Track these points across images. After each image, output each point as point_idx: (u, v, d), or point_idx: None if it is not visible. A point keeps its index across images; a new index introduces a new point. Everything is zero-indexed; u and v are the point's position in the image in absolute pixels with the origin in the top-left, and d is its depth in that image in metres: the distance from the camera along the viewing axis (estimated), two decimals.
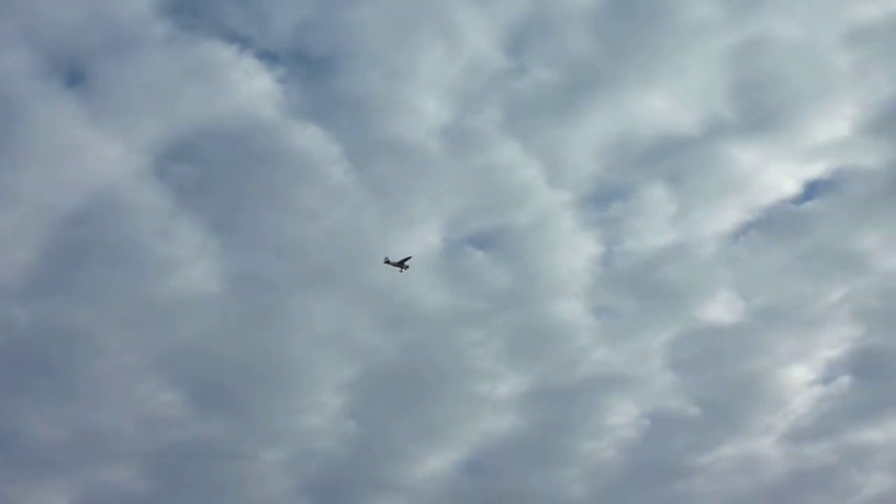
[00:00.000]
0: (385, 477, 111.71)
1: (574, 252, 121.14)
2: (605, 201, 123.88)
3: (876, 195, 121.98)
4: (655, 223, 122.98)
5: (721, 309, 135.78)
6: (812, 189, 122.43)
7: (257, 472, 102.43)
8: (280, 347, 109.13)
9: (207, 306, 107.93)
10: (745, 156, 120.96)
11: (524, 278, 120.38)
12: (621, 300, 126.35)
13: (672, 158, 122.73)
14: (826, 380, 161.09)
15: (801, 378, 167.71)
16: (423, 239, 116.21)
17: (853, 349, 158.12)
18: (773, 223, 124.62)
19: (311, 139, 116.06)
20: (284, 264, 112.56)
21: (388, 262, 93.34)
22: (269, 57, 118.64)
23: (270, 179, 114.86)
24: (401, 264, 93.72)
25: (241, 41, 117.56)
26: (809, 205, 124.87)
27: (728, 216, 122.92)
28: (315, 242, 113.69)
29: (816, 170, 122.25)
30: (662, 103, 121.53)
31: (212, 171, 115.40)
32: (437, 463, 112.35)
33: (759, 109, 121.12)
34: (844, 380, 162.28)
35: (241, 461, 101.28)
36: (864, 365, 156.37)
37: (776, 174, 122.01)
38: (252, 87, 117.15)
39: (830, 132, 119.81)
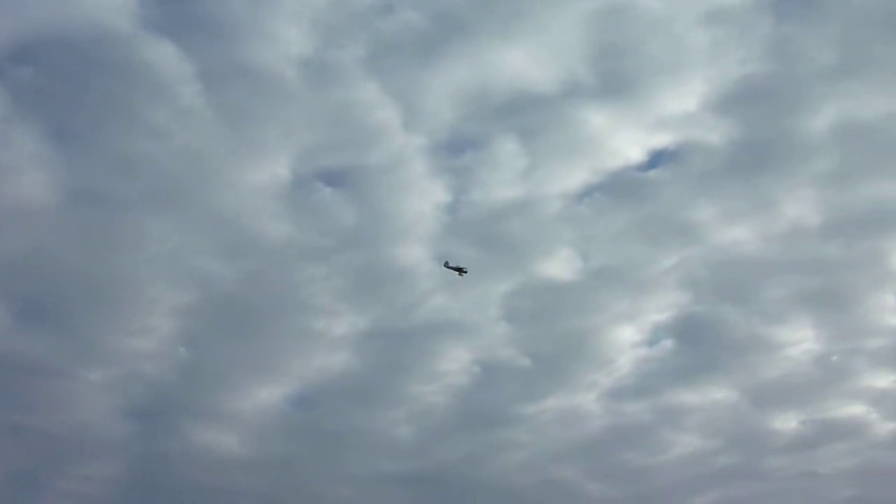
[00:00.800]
0: (213, 405, 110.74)
1: (423, 197, 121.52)
2: (458, 150, 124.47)
3: (715, 171, 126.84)
4: (505, 176, 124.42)
5: (559, 266, 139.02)
6: (657, 158, 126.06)
7: (78, 391, 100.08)
8: (114, 266, 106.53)
9: (40, 218, 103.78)
10: (596, 119, 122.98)
11: (371, 219, 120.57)
12: (464, 249, 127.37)
13: (527, 114, 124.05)
14: (651, 342, 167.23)
15: (627, 339, 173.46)
16: (272, 170, 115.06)
17: (679, 315, 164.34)
18: (617, 187, 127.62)
19: (164, 56, 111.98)
20: (125, 182, 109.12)
21: (447, 265, 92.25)
22: None
23: (117, 92, 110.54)
24: (459, 270, 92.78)
25: None
26: (652, 173, 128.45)
27: (575, 177, 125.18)
28: (159, 162, 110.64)
29: (662, 140, 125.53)
30: (523, 59, 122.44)
31: (55, 78, 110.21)
32: (266, 395, 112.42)
33: (615, 76, 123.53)
34: (668, 343, 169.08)
35: (61, 379, 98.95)
36: (686, 331, 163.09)
37: (624, 140, 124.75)
38: None
39: (679, 106, 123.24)
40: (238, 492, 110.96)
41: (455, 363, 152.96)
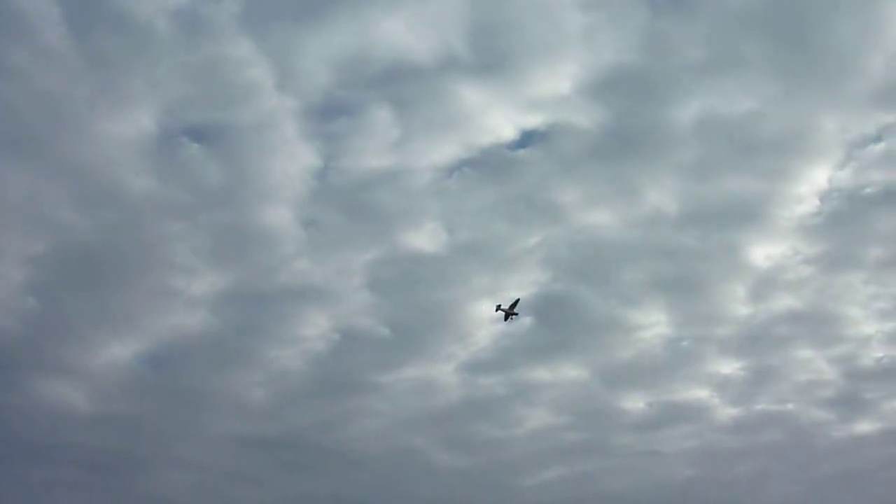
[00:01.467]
0: (62, 359, 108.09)
1: (292, 160, 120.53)
2: (330, 115, 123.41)
3: (582, 154, 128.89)
4: (376, 145, 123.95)
5: (425, 238, 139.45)
6: (527, 138, 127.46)
7: None
8: None
9: None
10: (471, 95, 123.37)
11: (237, 178, 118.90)
12: (331, 215, 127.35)
13: (403, 85, 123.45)
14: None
15: (487, 314, 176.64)
16: (136, 121, 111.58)
17: (538, 293, 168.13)
18: (487, 164, 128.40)
19: None
20: None
21: (500, 308, 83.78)
22: None
23: None
24: (511, 311, 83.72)
25: None
26: (522, 152, 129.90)
27: (446, 151, 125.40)
28: (16, 105, 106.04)
29: (534, 120, 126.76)
30: (403, 29, 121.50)
31: None
32: (118, 351, 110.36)
33: (492, 53, 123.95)
34: (526, 320, 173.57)
35: None
36: (545, 309, 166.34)
37: (497, 118, 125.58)
38: None
39: (553, 88, 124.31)
40: (84, 450, 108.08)
41: (314, 329, 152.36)
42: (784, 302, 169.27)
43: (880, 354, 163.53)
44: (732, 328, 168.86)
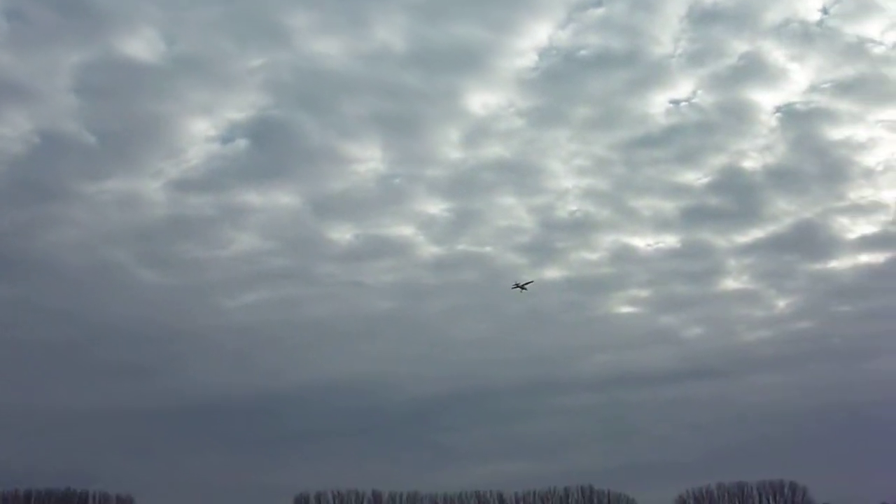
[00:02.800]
0: None
1: None
2: None
3: None
4: None
5: (142, 45, 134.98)
6: None
7: None
8: None
9: None
10: None
11: None
12: (40, 9, 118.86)
13: None
14: (224, 139, 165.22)
15: (201, 132, 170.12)
16: None
17: (257, 116, 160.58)
18: None
19: None
20: None
21: (516, 285, 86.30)
22: None
23: None
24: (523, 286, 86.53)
25: None
26: None
27: None
28: None
29: None
30: None
31: None
32: None
33: None
34: (241, 143, 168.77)
35: None
36: (262, 133, 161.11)
37: None
38: None
39: None
40: None
41: (12, 129, 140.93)
42: (494, 150, 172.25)
43: (574, 208, 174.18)
44: (443, 170, 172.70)
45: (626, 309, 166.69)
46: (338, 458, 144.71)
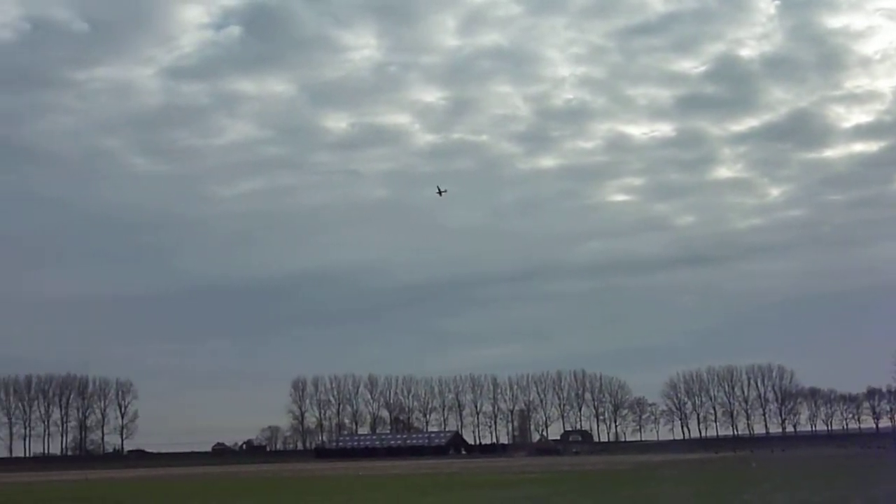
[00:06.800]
0: None
1: None
2: None
3: None
4: None
5: None
6: None
7: None
8: None
9: None
10: None
11: None
12: None
13: None
14: (218, 26, 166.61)
15: (195, 18, 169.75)
16: None
17: (251, 3, 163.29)
18: None
19: None
20: None
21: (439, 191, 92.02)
22: None
23: None
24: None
25: None
26: None
27: None
28: None
29: None
30: None
31: None
32: None
33: None
34: (235, 30, 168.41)
35: None
36: (256, 20, 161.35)
37: None
38: None
39: None
40: None
41: (1, 15, 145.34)
42: (490, 38, 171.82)
43: (570, 96, 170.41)
44: (439, 58, 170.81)
45: (619, 197, 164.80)
46: (333, 343, 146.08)
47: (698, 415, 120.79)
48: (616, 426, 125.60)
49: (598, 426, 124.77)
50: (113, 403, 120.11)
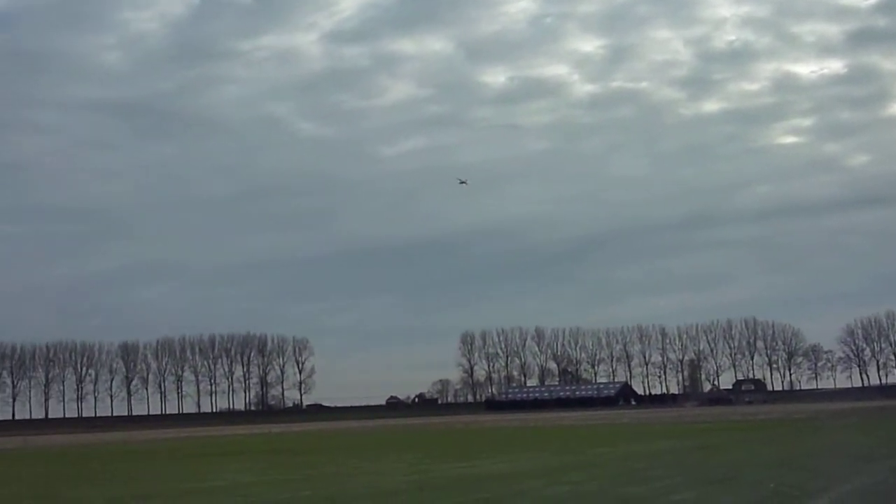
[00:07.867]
0: None
1: None
2: None
3: None
4: None
5: None
6: None
7: None
8: None
9: None
10: None
11: None
12: None
13: None
14: None
15: None
16: None
17: None
18: None
19: None
20: None
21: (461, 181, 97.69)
22: None
23: None
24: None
25: None
26: None
27: None
28: None
29: None
30: None
31: None
32: None
33: None
34: None
35: None
36: None
37: None
38: None
39: None
40: None
41: None
42: None
43: (732, 38, 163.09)
44: (595, 6, 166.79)
45: (788, 139, 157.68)
46: (499, 298, 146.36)
47: (878, 361, 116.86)
48: (791, 374, 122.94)
49: (771, 375, 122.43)
50: (291, 360, 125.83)
